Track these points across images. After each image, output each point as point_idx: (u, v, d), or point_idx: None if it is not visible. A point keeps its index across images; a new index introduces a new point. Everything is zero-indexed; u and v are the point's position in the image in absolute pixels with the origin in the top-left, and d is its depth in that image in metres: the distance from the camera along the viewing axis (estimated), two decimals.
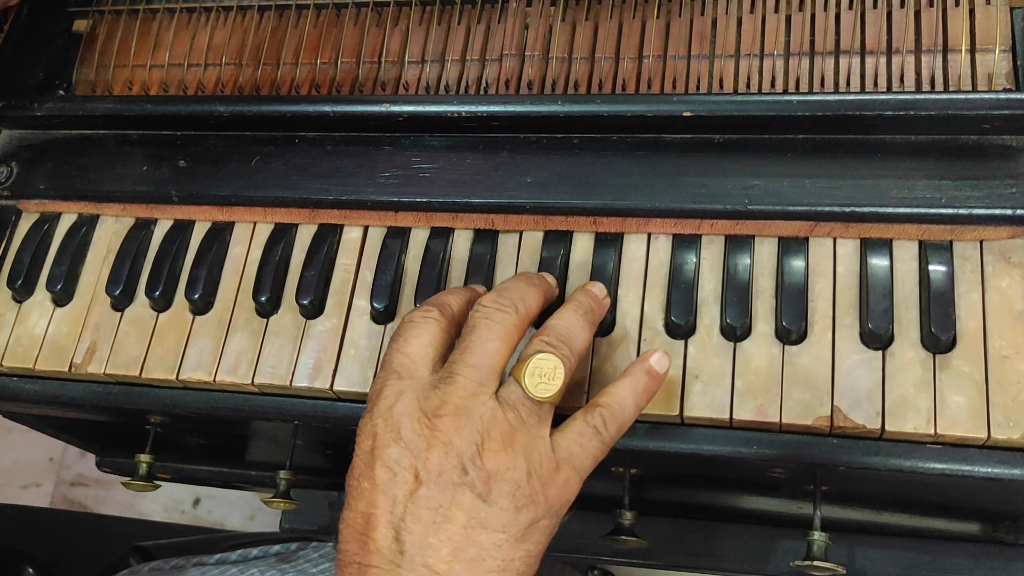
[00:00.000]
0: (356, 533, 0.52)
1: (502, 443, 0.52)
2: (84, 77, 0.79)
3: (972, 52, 0.63)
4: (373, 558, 0.51)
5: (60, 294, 0.72)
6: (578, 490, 0.55)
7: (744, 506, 0.80)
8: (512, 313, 0.56)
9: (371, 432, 0.54)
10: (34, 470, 1.70)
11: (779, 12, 0.67)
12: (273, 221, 0.72)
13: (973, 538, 0.77)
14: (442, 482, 0.51)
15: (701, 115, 0.63)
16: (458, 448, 0.52)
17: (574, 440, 0.55)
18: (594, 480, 0.81)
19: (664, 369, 0.58)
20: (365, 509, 0.52)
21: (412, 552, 0.50)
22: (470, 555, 0.50)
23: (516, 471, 0.52)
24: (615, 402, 0.56)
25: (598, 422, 0.55)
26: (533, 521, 0.52)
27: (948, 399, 0.57)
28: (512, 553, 0.51)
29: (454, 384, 0.53)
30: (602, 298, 0.62)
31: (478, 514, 0.51)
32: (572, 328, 0.57)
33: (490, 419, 0.52)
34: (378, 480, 0.52)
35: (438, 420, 0.52)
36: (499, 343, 0.55)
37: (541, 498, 0.52)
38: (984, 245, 0.60)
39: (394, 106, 0.67)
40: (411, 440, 0.52)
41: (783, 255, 0.62)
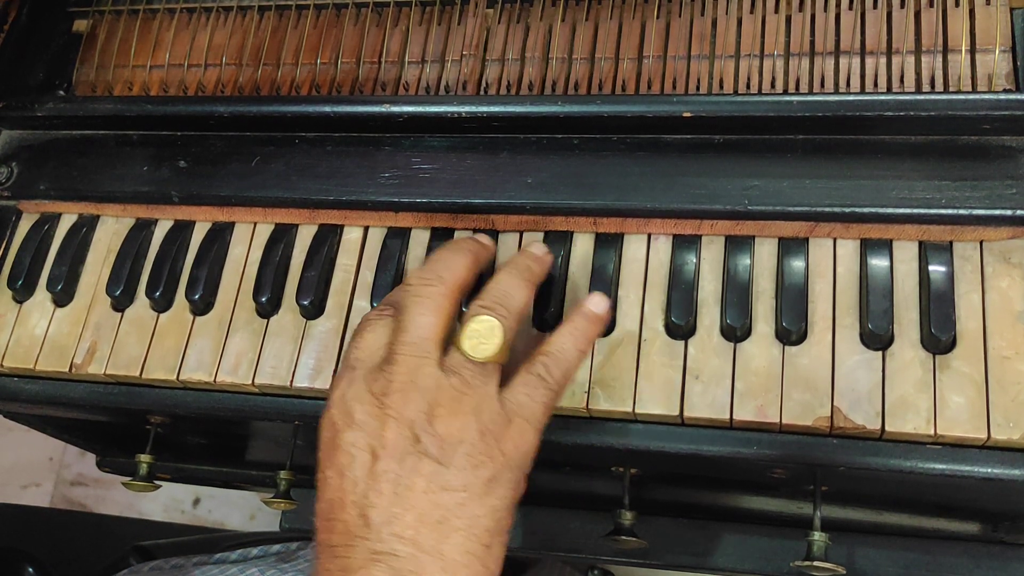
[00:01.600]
0: (325, 520, 0.54)
1: (450, 408, 0.54)
2: (84, 77, 0.79)
3: (972, 52, 0.63)
4: (341, 537, 0.52)
5: (60, 294, 0.72)
6: (536, 441, 0.56)
7: (744, 506, 0.80)
8: (438, 284, 0.58)
9: (329, 423, 0.55)
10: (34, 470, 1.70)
11: (779, 12, 0.67)
12: (273, 221, 0.72)
13: (973, 538, 0.77)
14: (398, 454, 0.53)
15: (701, 115, 0.63)
16: (409, 419, 0.53)
17: (520, 391, 0.56)
18: (594, 480, 0.82)
19: (603, 310, 0.60)
20: (331, 496, 0.54)
21: (378, 524, 0.51)
22: (435, 517, 0.52)
23: (468, 431, 0.53)
24: (555, 348, 0.58)
25: (541, 370, 0.57)
26: (493, 477, 0.53)
27: (948, 399, 0.57)
28: (476, 510, 0.52)
29: (396, 364, 0.55)
30: (542, 255, 0.63)
31: (437, 478, 0.52)
32: (508, 289, 0.59)
33: (435, 387, 0.54)
34: (339, 466, 0.54)
35: (386, 398, 0.54)
36: (430, 316, 0.56)
37: (497, 452, 0.54)
38: (984, 246, 0.60)
39: (394, 106, 0.67)
40: (364, 422, 0.54)
41: (783, 256, 0.62)
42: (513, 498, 0.55)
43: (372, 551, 0.51)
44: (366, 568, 0.51)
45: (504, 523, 0.54)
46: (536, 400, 0.56)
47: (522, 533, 0.84)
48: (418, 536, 0.51)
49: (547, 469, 0.82)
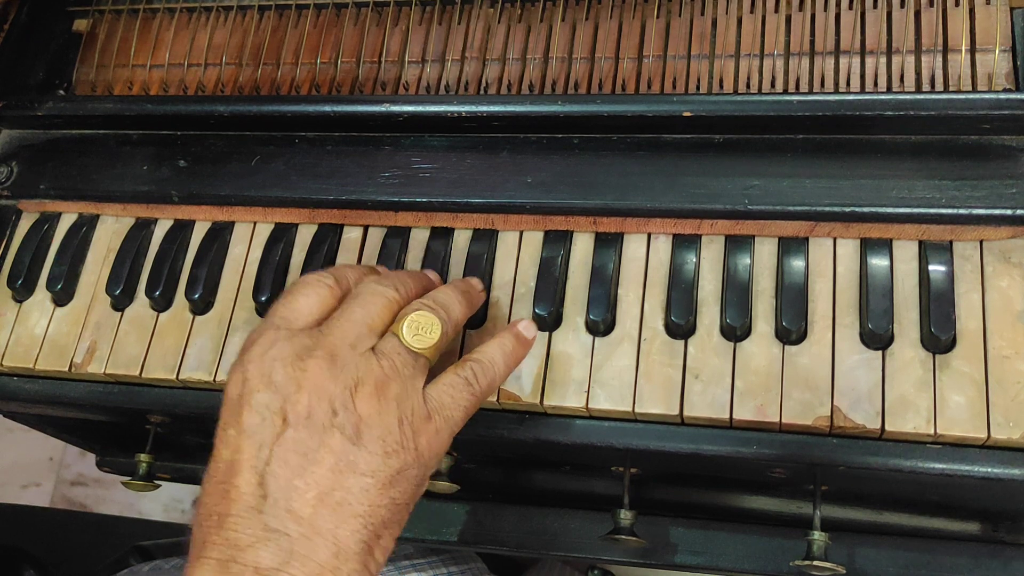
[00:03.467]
0: (218, 483, 0.51)
1: (375, 389, 0.52)
2: (84, 77, 0.79)
3: (972, 52, 0.63)
4: (233, 506, 0.49)
5: (60, 294, 0.72)
6: (448, 443, 0.55)
7: (744, 506, 0.80)
8: (393, 291, 0.58)
9: (240, 379, 0.53)
10: (34, 470, 1.70)
11: (779, 12, 0.67)
12: (273, 221, 0.72)
13: (973, 538, 0.77)
14: (311, 424, 0.51)
15: (701, 115, 0.63)
16: (330, 392, 0.51)
17: (445, 391, 0.56)
18: (594, 480, 0.81)
19: (531, 336, 0.61)
20: (230, 457, 0.51)
21: (276, 496, 0.49)
22: (336, 499, 0.50)
23: (388, 416, 0.52)
24: (485, 358, 0.58)
25: (468, 375, 0.57)
26: (402, 468, 0.52)
27: (948, 399, 0.57)
28: (378, 499, 0.51)
29: (331, 331, 0.54)
30: (478, 287, 0.65)
31: (347, 456, 0.51)
32: (450, 298, 0.59)
33: (364, 367, 0.53)
34: (245, 425, 0.51)
35: (310, 361, 0.52)
36: (380, 309, 0.56)
37: (412, 445, 0.53)
38: (984, 245, 0.60)
39: (394, 106, 0.67)
40: (282, 384, 0.52)
41: (783, 255, 0.62)
42: (414, 495, 0.54)
43: (265, 527, 0.49)
44: (254, 546, 0.48)
45: (400, 517, 0.53)
46: (459, 403, 0.56)
47: (522, 533, 0.84)
48: (315, 516, 0.49)
49: (547, 469, 0.83)
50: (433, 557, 0.86)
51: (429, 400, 0.55)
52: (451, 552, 0.87)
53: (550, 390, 0.62)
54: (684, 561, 0.80)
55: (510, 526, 0.84)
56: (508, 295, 0.65)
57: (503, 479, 0.86)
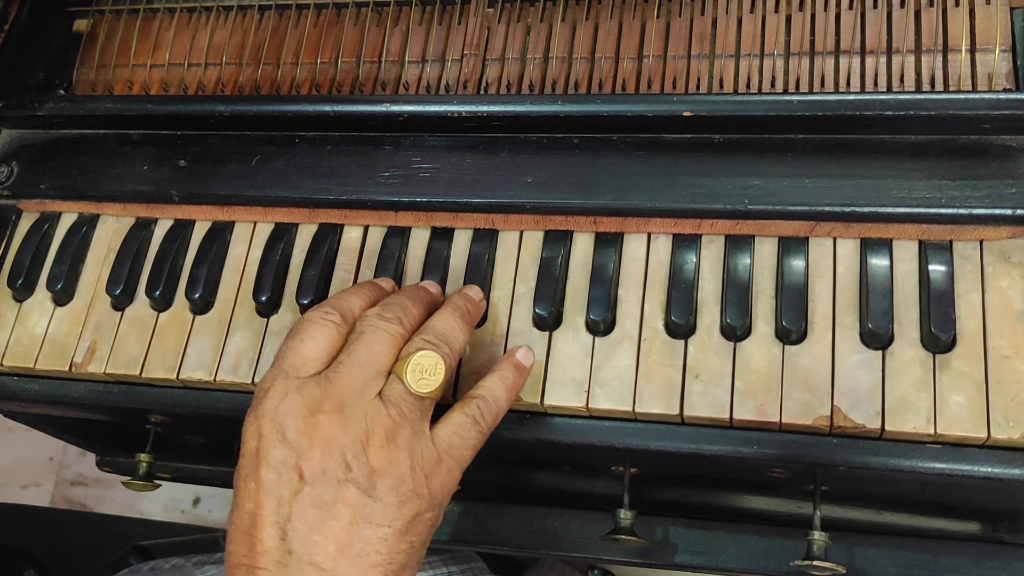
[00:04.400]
0: (243, 534, 0.53)
1: (385, 439, 0.53)
2: (84, 77, 0.79)
3: (972, 52, 0.63)
4: (260, 559, 0.51)
5: (60, 294, 0.72)
6: (459, 480, 0.56)
7: (744, 506, 0.80)
8: (398, 324, 0.58)
9: (256, 432, 0.54)
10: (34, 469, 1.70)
11: (779, 12, 0.67)
12: (273, 221, 0.72)
13: (973, 538, 0.77)
14: (326, 480, 0.52)
15: (701, 115, 0.63)
16: (341, 445, 0.53)
17: (454, 432, 0.56)
18: (594, 480, 0.81)
19: (529, 364, 0.62)
20: (252, 510, 0.53)
21: (299, 551, 0.51)
22: (355, 550, 0.51)
23: (400, 466, 0.53)
24: (489, 394, 0.59)
25: (476, 412, 0.57)
26: (417, 514, 0.53)
27: (948, 399, 0.57)
28: (396, 546, 0.52)
29: (339, 380, 0.54)
30: (478, 300, 0.64)
31: (363, 510, 0.52)
32: (450, 328, 0.59)
33: (373, 416, 0.54)
34: (264, 481, 0.53)
35: (321, 416, 0.53)
36: (385, 348, 0.56)
37: (425, 491, 0.54)
38: (984, 245, 0.60)
39: (394, 106, 0.67)
40: (295, 440, 0.53)
41: (783, 255, 0.62)
42: (429, 535, 0.55)
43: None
44: None
45: (418, 557, 0.54)
46: (468, 443, 0.56)
47: (522, 533, 0.84)
48: (337, 568, 0.51)
49: (547, 469, 0.83)
50: (433, 557, 0.86)
51: (438, 442, 0.55)
52: (451, 552, 0.87)
53: (550, 390, 0.62)
54: (684, 561, 0.80)
55: (510, 526, 0.84)
56: (508, 295, 0.65)
57: (503, 479, 0.86)
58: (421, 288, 0.64)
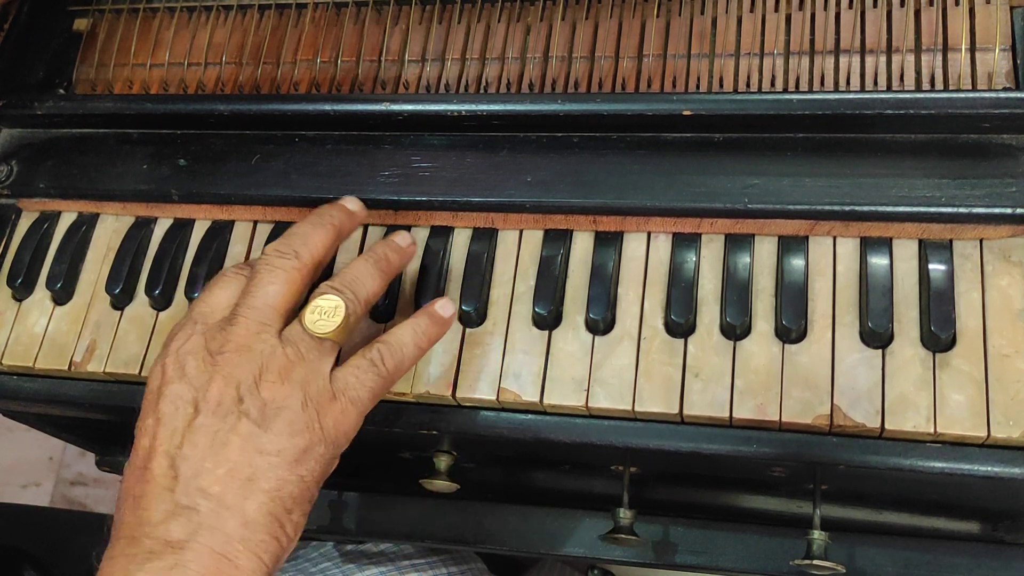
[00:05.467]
0: (137, 469, 0.55)
1: (279, 375, 0.55)
2: (84, 76, 0.79)
3: (972, 51, 0.63)
4: (147, 487, 0.53)
5: (60, 293, 0.72)
6: (357, 422, 0.58)
7: (744, 505, 0.80)
8: (293, 258, 0.59)
9: (160, 371, 0.57)
10: (34, 469, 1.70)
11: (779, 11, 0.67)
12: (273, 220, 0.72)
13: (973, 537, 0.77)
14: (220, 411, 0.54)
15: (701, 114, 0.63)
16: (237, 380, 0.55)
17: (351, 372, 0.58)
18: (594, 479, 0.81)
19: (448, 314, 0.63)
20: (147, 444, 0.55)
21: (186, 476, 0.53)
22: (244, 475, 0.53)
23: (292, 400, 0.55)
24: (394, 340, 0.60)
25: (375, 356, 0.59)
26: (308, 448, 0.55)
27: (948, 398, 0.57)
28: (286, 475, 0.54)
29: (236, 325, 0.56)
30: (404, 246, 0.65)
31: (254, 439, 0.54)
32: (360, 275, 0.61)
33: (269, 354, 0.56)
34: (161, 415, 0.55)
35: (220, 356, 0.56)
36: (279, 286, 0.58)
37: (317, 426, 0.55)
38: (984, 244, 0.60)
39: (394, 105, 0.67)
40: (194, 376, 0.55)
41: (783, 254, 0.62)
42: (323, 472, 0.56)
43: (175, 504, 0.52)
44: (165, 522, 0.52)
45: (309, 493, 0.56)
46: (364, 384, 0.58)
47: (522, 533, 0.84)
48: (224, 492, 0.52)
49: (547, 469, 0.83)
50: (433, 557, 0.86)
51: (335, 382, 0.57)
52: (451, 552, 0.87)
53: (550, 388, 0.62)
54: (684, 561, 0.80)
55: (510, 526, 0.84)
56: (508, 294, 0.65)
57: (503, 479, 0.86)
58: (335, 208, 0.65)
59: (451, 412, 0.64)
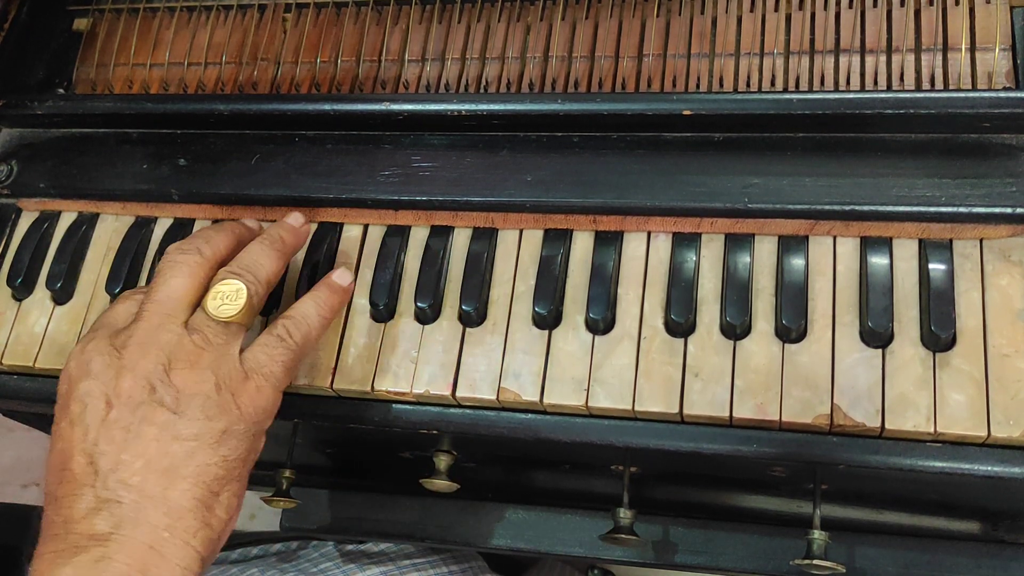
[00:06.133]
0: (55, 471, 0.55)
1: (188, 362, 0.56)
2: (84, 76, 0.79)
3: (972, 51, 0.63)
4: (68, 487, 0.54)
5: (60, 292, 0.72)
6: (275, 398, 0.58)
7: (744, 505, 0.80)
8: (195, 254, 0.60)
9: (65, 376, 0.58)
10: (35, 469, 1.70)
11: (779, 11, 0.67)
12: (273, 220, 0.71)
13: (973, 537, 0.77)
14: (132, 403, 0.55)
15: (701, 113, 0.63)
16: (145, 370, 0.55)
17: (260, 351, 0.59)
18: (594, 479, 0.81)
19: (346, 283, 0.65)
20: (62, 446, 0.55)
21: (105, 470, 0.53)
22: (163, 465, 0.54)
23: (204, 384, 0.56)
24: (298, 313, 0.61)
25: (281, 331, 0.60)
26: (226, 428, 0.56)
27: (948, 397, 0.57)
28: (207, 459, 0.55)
29: (140, 320, 0.57)
30: (298, 227, 0.66)
31: (169, 427, 0.54)
32: (257, 257, 0.61)
33: (176, 344, 0.56)
34: (72, 415, 0.55)
35: (125, 350, 0.56)
36: (182, 279, 0.59)
37: (233, 407, 0.56)
38: (984, 243, 0.60)
39: (394, 104, 0.67)
40: (100, 372, 0.56)
41: (783, 253, 0.62)
42: (248, 451, 0.57)
43: (97, 498, 0.52)
44: (88, 518, 0.52)
45: (236, 473, 0.56)
46: (275, 359, 0.58)
47: (522, 533, 0.84)
48: (144, 483, 0.53)
49: (547, 468, 0.83)
50: (434, 556, 0.86)
51: (246, 361, 0.58)
52: (452, 551, 0.87)
53: (550, 388, 0.62)
54: (684, 561, 0.80)
55: (510, 526, 0.84)
56: (508, 293, 0.65)
57: (503, 479, 0.86)
58: (231, 223, 0.66)
59: (451, 412, 0.64)
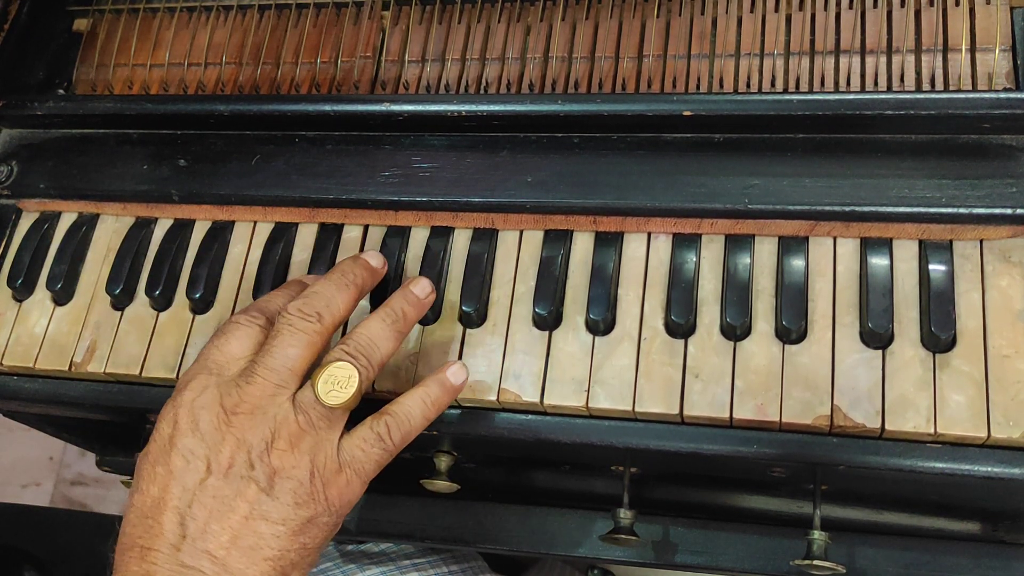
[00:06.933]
0: (142, 516, 0.55)
1: (289, 443, 0.56)
2: (84, 76, 0.79)
3: (972, 51, 0.63)
4: (156, 541, 0.54)
5: (60, 293, 0.72)
6: (361, 491, 0.58)
7: (744, 505, 0.80)
8: (315, 321, 0.59)
9: (172, 419, 0.57)
10: (34, 469, 1.70)
11: (779, 11, 0.67)
12: (273, 220, 0.72)
13: (973, 538, 0.77)
14: (231, 475, 0.55)
15: (701, 114, 0.63)
16: (248, 444, 0.55)
17: (358, 445, 0.58)
18: (594, 479, 0.81)
19: (460, 381, 0.62)
20: (157, 494, 0.55)
21: (194, 536, 0.54)
22: (248, 543, 0.54)
23: (300, 470, 0.56)
24: (402, 412, 0.60)
25: (382, 430, 0.59)
26: (312, 518, 0.56)
27: (948, 398, 0.57)
28: (288, 544, 0.55)
29: (253, 384, 0.56)
30: (423, 298, 0.63)
31: (260, 506, 0.55)
32: (375, 339, 0.60)
33: (282, 420, 0.56)
34: (173, 467, 0.55)
35: (235, 417, 0.56)
36: (299, 349, 0.58)
37: (322, 497, 0.56)
38: (984, 244, 0.60)
39: (394, 105, 0.67)
40: (207, 433, 0.56)
41: (783, 254, 0.62)
42: (325, 539, 0.57)
43: (181, 563, 0.53)
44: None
45: (310, 559, 0.57)
46: (371, 457, 0.58)
47: (522, 533, 0.84)
48: (228, 557, 0.53)
49: (547, 469, 0.83)
50: (434, 556, 0.86)
51: (342, 453, 0.57)
52: (451, 551, 0.87)
53: (550, 389, 0.62)
54: (684, 561, 0.80)
55: (510, 526, 0.84)
56: (508, 294, 0.65)
57: (503, 479, 0.86)
58: (357, 267, 0.63)
59: (451, 413, 0.64)
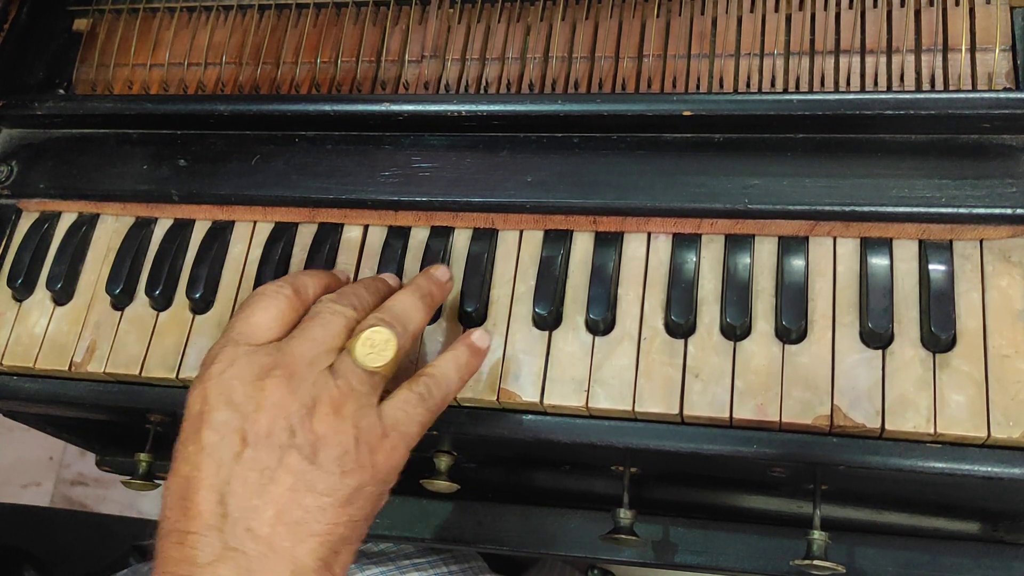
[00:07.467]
0: (178, 499, 0.52)
1: (332, 408, 0.53)
2: (84, 76, 0.79)
3: (972, 51, 0.63)
4: (194, 523, 0.50)
5: (60, 293, 0.72)
6: (405, 457, 0.56)
7: (744, 505, 0.80)
8: (351, 309, 0.58)
9: (201, 396, 0.53)
10: (34, 469, 1.70)
11: (779, 11, 0.67)
12: (273, 220, 0.72)
13: (973, 538, 0.77)
14: (270, 444, 0.51)
15: (701, 114, 0.63)
16: (287, 410, 0.52)
17: (400, 407, 0.56)
18: (594, 479, 0.81)
19: (485, 345, 0.62)
20: (189, 473, 0.52)
21: (235, 515, 0.50)
22: (294, 518, 0.50)
23: (344, 436, 0.52)
24: (439, 372, 0.58)
25: (423, 390, 0.57)
26: (360, 487, 0.52)
27: (948, 398, 0.57)
28: (336, 518, 0.51)
29: (290, 350, 0.54)
30: (444, 281, 0.64)
31: (305, 476, 0.51)
32: (408, 308, 0.59)
33: (321, 386, 0.53)
34: (204, 443, 0.52)
35: (268, 380, 0.52)
36: (339, 328, 0.56)
37: (369, 464, 0.53)
38: (984, 244, 0.60)
39: (394, 105, 0.67)
40: (241, 403, 0.52)
41: (783, 254, 0.62)
42: (372, 510, 0.54)
43: (224, 545, 0.49)
44: (213, 564, 0.49)
45: (359, 532, 0.53)
46: (414, 419, 0.56)
47: (522, 533, 0.84)
48: (273, 535, 0.50)
49: (547, 469, 0.83)
50: (434, 556, 0.86)
51: (385, 417, 0.55)
52: (451, 552, 0.87)
53: (550, 389, 0.62)
54: (684, 561, 0.80)
55: (510, 526, 0.84)
56: (508, 294, 0.65)
57: (503, 479, 0.86)
58: (378, 280, 0.64)
59: (451, 412, 0.64)
